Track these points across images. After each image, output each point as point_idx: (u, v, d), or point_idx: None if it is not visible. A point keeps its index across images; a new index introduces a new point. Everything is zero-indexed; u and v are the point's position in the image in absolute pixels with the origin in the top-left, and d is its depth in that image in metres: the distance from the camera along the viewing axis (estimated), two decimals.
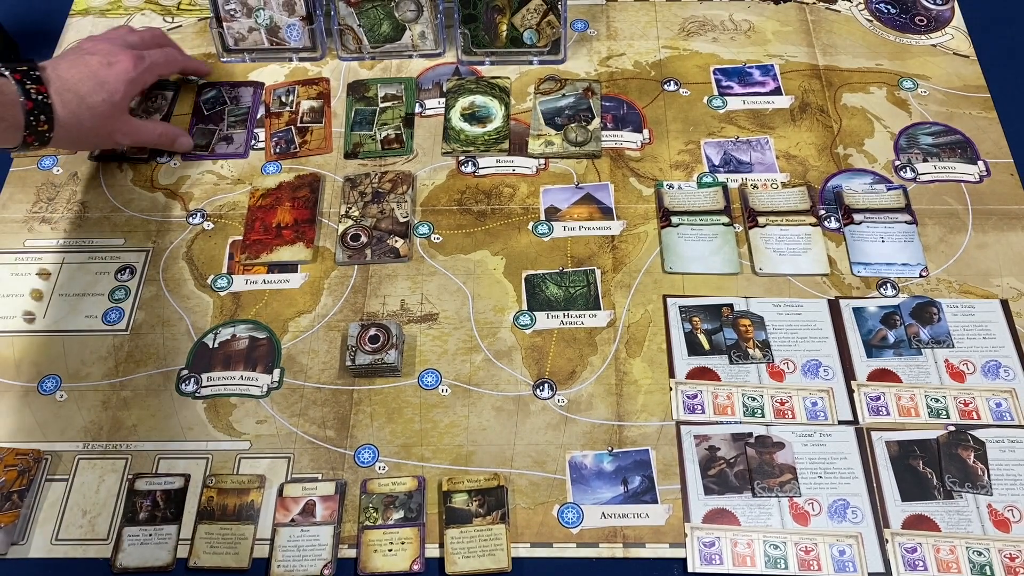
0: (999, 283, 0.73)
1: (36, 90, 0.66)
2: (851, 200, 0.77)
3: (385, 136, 0.83)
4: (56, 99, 0.68)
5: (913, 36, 0.90)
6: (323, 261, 0.76)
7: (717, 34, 0.90)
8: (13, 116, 0.65)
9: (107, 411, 0.69)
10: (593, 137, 0.82)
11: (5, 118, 0.64)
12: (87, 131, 0.71)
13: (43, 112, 0.66)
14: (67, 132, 0.69)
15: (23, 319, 0.74)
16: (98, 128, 0.72)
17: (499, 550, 0.61)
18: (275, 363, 0.70)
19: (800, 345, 0.70)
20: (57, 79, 0.68)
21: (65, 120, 0.68)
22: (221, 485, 0.65)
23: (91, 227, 0.79)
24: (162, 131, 0.79)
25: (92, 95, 0.70)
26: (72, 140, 0.72)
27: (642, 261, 0.75)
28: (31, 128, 0.66)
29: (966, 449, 0.64)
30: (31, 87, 0.66)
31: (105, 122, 0.72)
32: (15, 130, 0.66)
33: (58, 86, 0.68)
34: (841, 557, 0.61)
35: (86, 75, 0.70)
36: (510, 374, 0.69)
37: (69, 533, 0.64)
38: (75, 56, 0.72)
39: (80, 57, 0.72)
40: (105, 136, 0.74)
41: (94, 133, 0.72)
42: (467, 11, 0.84)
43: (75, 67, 0.70)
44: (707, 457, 0.65)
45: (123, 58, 0.73)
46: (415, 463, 0.66)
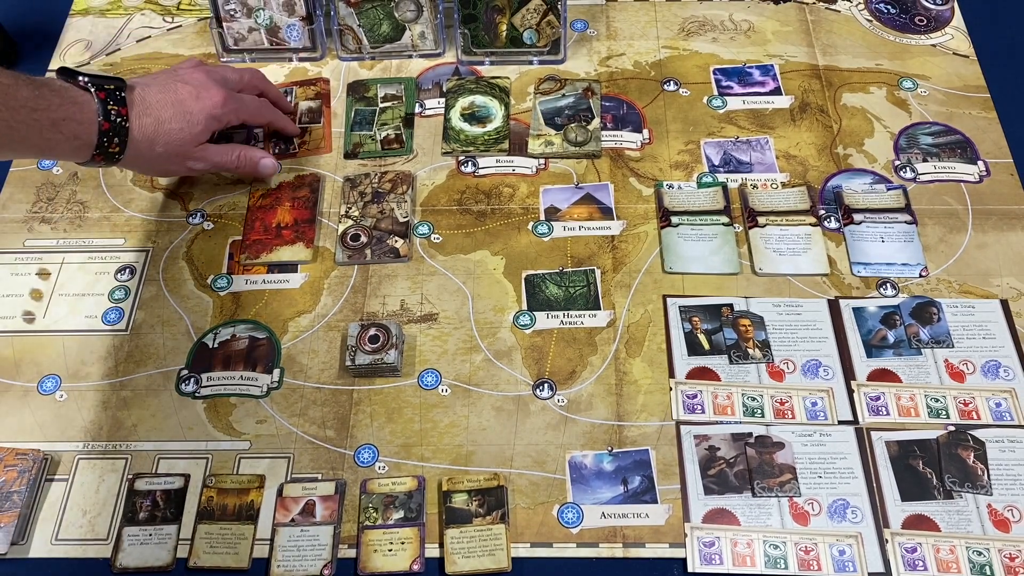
0: (999, 283, 0.73)
1: (117, 111, 0.65)
2: (851, 200, 0.77)
3: (385, 136, 0.83)
4: (134, 123, 0.66)
5: (913, 36, 0.90)
6: (323, 261, 0.76)
7: (717, 34, 0.90)
8: (87, 135, 0.64)
9: (107, 411, 0.69)
10: (593, 137, 0.82)
11: (80, 136, 0.64)
12: (158, 157, 0.70)
13: (118, 135, 0.65)
14: (139, 156, 0.68)
15: (23, 319, 0.74)
16: (170, 155, 0.70)
17: (499, 550, 0.61)
18: (275, 363, 0.70)
19: (800, 345, 0.70)
20: (141, 101, 0.67)
21: (139, 144, 0.67)
22: (221, 485, 0.65)
23: (91, 227, 0.79)
24: (240, 153, 0.76)
25: (171, 122, 0.69)
26: (141, 164, 0.71)
27: (642, 261, 0.75)
28: (102, 148, 0.65)
29: (966, 449, 0.64)
30: (112, 108, 0.65)
31: (178, 149, 0.70)
32: (86, 148, 0.65)
33: (140, 109, 0.67)
34: (841, 557, 0.61)
35: (172, 102, 0.69)
36: (510, 374, 0.69)
37: (69, 533, 0.64)
38: (168, 81, 0.71)
39: (173, 83, 0.70)
40: (177, 164, 0.72)
41: (165, 159, 0.71)
42: (467, 11, 0.84)
43: (164, 92, 0.69)
44: (707, 457, 0.65)
45: (214, 94, 0.71)
46: (415, 463, 0.66)
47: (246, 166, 0.76)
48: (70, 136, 0.63)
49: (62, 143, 0.63)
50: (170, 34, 0.92)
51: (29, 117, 0.60)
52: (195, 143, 0.71)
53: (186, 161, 0.72)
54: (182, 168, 0.73)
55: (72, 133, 0.63)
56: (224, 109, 0.72)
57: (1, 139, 0.59)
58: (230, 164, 0.75)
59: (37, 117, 0.60)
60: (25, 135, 0.60)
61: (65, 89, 0.63)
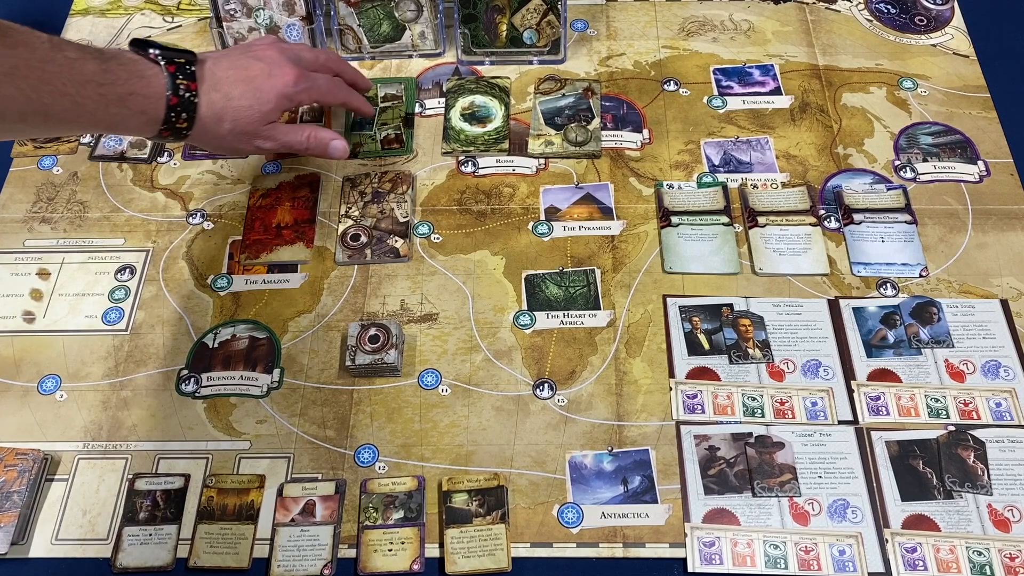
0: (999, 283, 0.73)
1: (186, 86, 0.63)
2: (851, 200, 0.77)
3: (385, 136, 0.83)
4: (203, 98, 0.64)
5: (913, 36, 0.90)
6: (323, 261, 0.76)
7: (717, 34, 0.90)
8: (155, 110, 0.62)
9: (107, 411, 0.69)
10: (593, 137, 0.82)
11: (146, 111, 0.62)
12: (226, 134, 0.68)
13: (186, 110, 0.64)
14: (205, 132, 0.66)
15: (23, 319, 0.74)
16: (238, 133, 0.68)
17: (499, 550, 0.61)
18: (275, 363, 0.70)
19: (800, 345, 0.70)
20: (211, 76, 0.66)
21: (206, 120, 0.65)
22: (221, 485, 0.65)
23: (91, 227, 0.79)
24: (310, 134, 0.73)
25: (241, 98, 0.67)
26: (208, 140, 0.68)
27: (642, 261, 0.75)
28: (169, 123, 0.63)
29: (966, 449, 0.64)
30: (182, 82, 0.63)
31: (247, 127, 0.68)
32: (153, 123, 0.63)
33: (210, 84, 0.65)
34: (841, 557, 0.61)
35: (243, 78, 0.67)
36: (510, 374, 0.69)
37: (69, 533, 0.64)
38: (241, 56, 0.69)
39: (245, 59, 0.69)
40: (245, 142, 0.70)
41: (233, 136, 0.68)
42: (467, 11, 0.84)
43: (235, 68, 0.67)
44: (707, 457, 0.65)
45: (286, 72, 0.69)
46: (415, 463, 0.66)
47: (316, 147, 0.73)
48: (137, 111, 0.61)
49: (129, 118, 0.62)
50: (170, 34, 0.92)
51: (95, 92, 0.58)
52: (264, 121, 0.69)
53: (254, 140, 0.70)
54: (250, 146, 0.71)
55: (139, 108, 0.61)
56: (296, 88, 0.70)
57: (68, 114, 0.58)
58: (299, 144, 0.72)
59: (103, 92, 0.59)
60: (92, 110, 0.59)
61: (134, 62, 0.62)
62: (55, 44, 0.57)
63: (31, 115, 0.56)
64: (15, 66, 0.54)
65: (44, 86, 0.55)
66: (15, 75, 0.54)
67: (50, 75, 0.56)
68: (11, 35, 0.54)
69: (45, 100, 0.56)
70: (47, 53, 0.56)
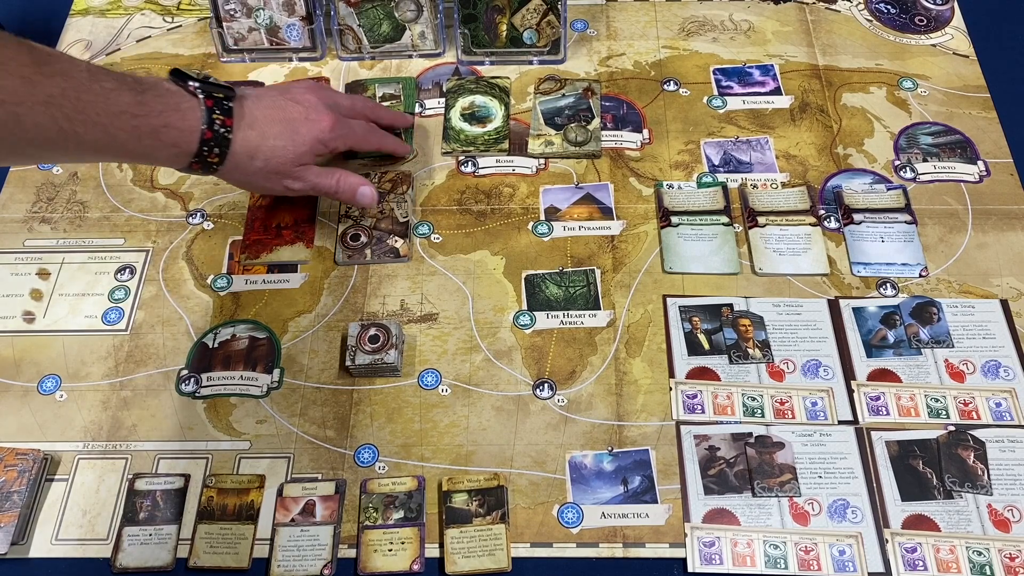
0: (999, 283, 0.73)
1: (222, 122, 0.63)
2: (851, 200, 0.77)
3: None
4: (238, 135, 0.64)
5: (913, 36, 0.90)
6: (323, 261, 0.76)
7: (717, 34, 0.90)
8: (187, 143, 0.62)
9: (107, 411, 0.69)
10: (593, 137, 0.82)
11: (179, 144, 0.62)
12: (257, 171, 0.67)
13: (219, 145, 0.63)
14: (236, 168, 0.66)
15: (23, 319, 0.74)
16: (269, 172, 0.68)
17: (499, 550, 0.61)
18: (275, 363, 0.70)
19: (800, 345, 0.70)
20: (249, 114, 0.65)
21: (239, 156, 0.65)
22: (221, 485, 0.65)
23: (91, 227, 0.79)
24: (340, 178, 0.72)
25: (276, 138, 0.66)
26: (238, 177, 0.68)
27: (642, 261, 0.75)
28: (201, 157, 0.63)
29: (966, 449, 0.64)
30: (218, 117, 0.63)
31: (279, 167, 0.68)
32: (184, 156, 0.63)
33: (247, 121, 0.65)
34: (841, 557, 0.61)
35: (280, 119, 0.67)
36: (510, 374, 0.69)
37: (69, 533, 0.64)
38: (279, 98, 0.69)
39: (283, 101, 0.69)
40: (275, 181, 0.69)
41: (263, 175, 0.68)
42: (467, 11, 0.84)
43: (273, 109, 0.67)
44: (707, 457, 0.65)
45: (324, 118, 0.69)
46: (415, 463, 0.66)
47: (345, 191, 0.72)
48: (169, 143, 0.61)
49: (160, 150, 0.61)
50: (170, 34, 0.92)
51: (129, 123, 0.58)
52: (296, 163, 0.68)
53: (284, 180, 0.69)
54: (279, 186, 0.70)
55: (171, 140, 0.61)
56: (332, 134, 0.70)
57: (99, 144, 0.58)
58: (329, 187, 0.72)
59: (137, 124, 0.58)
60: (123, 141, 0.58)
61: (170, 94, 0.61)
62: (93, 73, 0.56)
63: (63, 144, 0.56)
64: (51, 95, 0.53)
65: (78, 115, 0.55)
66: (51, 104, 0.53)
67: (85, 105, 0.55)
68: (51, 63, 0.54)
69: (78, 130, 0.55)
70: (84, 83, 0.55)
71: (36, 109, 0.53)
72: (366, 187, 0.73)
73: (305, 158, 0.69)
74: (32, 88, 0.52)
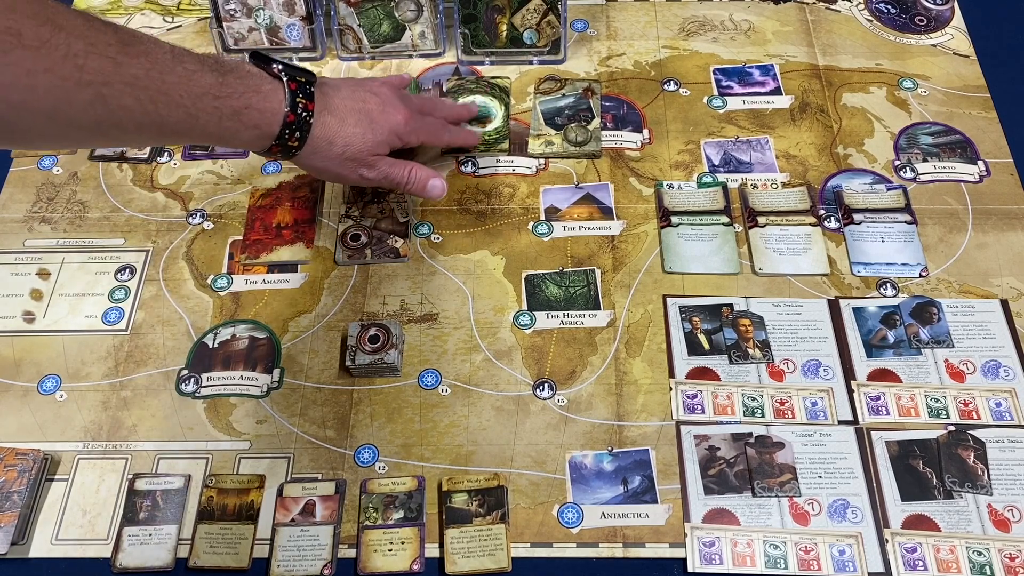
0: (999, 283, 0.73)
1: (304, 105, 0.63)
2: (851, 200, 0.77)
3: None
4: (318, 119, 0.65)
5: (913, 36, 0.90)
6: (323, 261, 0.76)
7: (717, 34, 0.90)
8: (269, 126, 0.62)
9: (107, 411, 0.69)
10: (593, 137, 0.82)
11: (260, 126, 0.61)
12: (334, 158, 0.67)
13: (300, 129, 0.63)
14: (314, 153, 0.66)
15: (23, 319, 0.74)
16: (345, 159, 0.68)
17: (499, 550, 0.61)
18: (275, 363, 0.71)
19: (800, 345, 0.70)
20: (329, 101, 0.66)
21: (318, 141, 0.65)
22: (221, 485, 0.65)
23: (91, 227, 0.79)
24: (412, 169, 0.72)
25: (355, 126, 0.67)
26: (314, 162, 0.68)
27: (642, 261, 0.75)
28: (282, 140, 0.63)
29: (966, 449, 0.64)
30: (301, 101, 0.63)
31: (355, 154, 0.68)
32: (265, 139, 0.63)
33: (327, 107, 0.65)
34: (841, 557, 0.61)
35: (358, 109, 0.68)
36: (510, 374, 0.69)
37: (69, 533, 0.64)
38: (357, 89, 0.70)
39: (361, 92, 0.69)
40: (350, 169, 0.69)
41: (339, 162, 0.68)
42: (467, 11, 0.84)
43: (351, 99, 0.68)
44: (707, 457, 0.65)
45: (399, 111, 0.70)
46: (415, 463, 0.66)
47: (416, 183, 0.73)
48: (251, 125, 0.61)
49: (241, 132, 0.61)
50: (170, 34, 0.92)
51: (211, 105, 0.58)
52: (373, 152, 0.69)
53: (359, 168, 0.69)
54: (354, 174, 0.70)
55: (253, 122, 0.61)
56: (407, 128, 0.71)
57: (181, 126, 0.57)
58: (401, 178, 0.72)
59: (218, 105, 0.58)
60: (205, 123, 0.58)
61: (252, 76, 0.61)
62: (176, 55, 0.56)
63: (146, 126, 0.56)
64: (136, 76, 0.53)
65: (162, 97, 0.55)
66: (135, 85, 0.53)
67: (168, 86, 0.55)
68: (135, 44, 0.54)
69: (161, 111, 0.55)
70: (167, 64, 0.55)
71: (122, 90, 0.52)
72: (437, 180, 0.73)
73: (381, 148, 0.69)
74: (118, 69, 0.52)
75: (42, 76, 0.48)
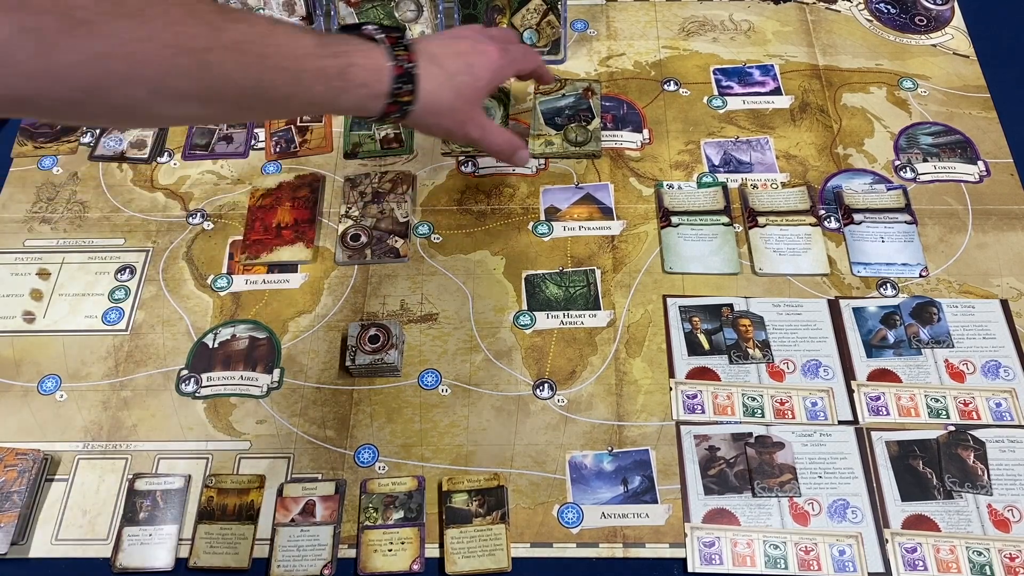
0: (999, 283, 0.73)
1: (406, 57, 0.62)
2: (851, 200, 0.77)
3: (384, 135, 0.83)
4: (423, 70, 0.63)
5: (913, 36, 0.90)
6: (323, 261, 0.76)
7: (717, 34, 0.90)
8: (377, 82, 0.60)
9: (107, 411, 0.69)
10: (593, 137, 0.82)
11: (368, 83, 0.60)
12: (445, 111, 0.66)
13: (409, 81, 0.62)
14: (426, 108, 0.65)
15: (23, 319, 0.74)
16: (456, 112, 0.67)
17: (499, 550, 0.61)
18: (275, 363, 0.70)
19: (800, 345, 0.70)
20: (426, 51, 0.64)
21: (428, 94, 0.64)
22: (221, 485, 0.65)
23: (91, 227, 0.79)
24: (509, 137, 0.71)
25: (458, 75, 0.65)
26: (428, 119, 0.66)
27: (642, 261, 0.75)
28: (394, 97, 0.62)
29: (966, 449, 0.64)
30: (401, 53, 0.62)
31: (464, 106, 0.67)
32: (378, 98, 0.61)
33: (427, 57, 0.63)
34: (841, 557, 0.61)
35: (454, 54, 0.66)
36: (510, 374, 0.69)
37: (69, 533, 0.64)
38: (445, 37, 0.69)
39: (449, 39, 0.68)
40: (459, 123, 0.68)
41: (450, 117, 0.67)
42: (467, 11, 0.84)
43: (444, 46, 0.67)
44: (707, 457, 0.65)
45: (491, 48, 0.68)
46: (415, 463, 0.66)
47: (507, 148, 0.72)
48: (358, 83, 0.60)
49: (350, 92, 0.60)
50: None
51: (314, 65, 0.56)
52: (480, 96, 0.68)
53: (467, 125, 0.68)
54: (461, 130, 0.68)
55: (360, 80, 0.60)
56: (502, 61, 0.69)
57: (286, 89, 0.56)
58: (499, 140, 0.71)
59: (323, 65, 0.57)
60: (310, 85, 0.57)
61: (348, 38, 0.61)
62: (273, 20, 0.56)
63: (249, 92, 0.54)
64: (237, 40, 0.52)
65: (265, 61, 0.54)
66: (237, 49, 0.52)
67: (270, 49, 0.54)
68: (233, 12, 0.53)
69: (265, 76, 0.54)
70: (266, 27, 0.54)
71: (224, 55, 0.51)
72: (524, 151, 0.73)
73: (485, 90, 0.68)
74: (218, 34, 0.51)
75: (144, 45, 0.47)
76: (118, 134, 0.84)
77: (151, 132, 0.84)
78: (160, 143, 0.84)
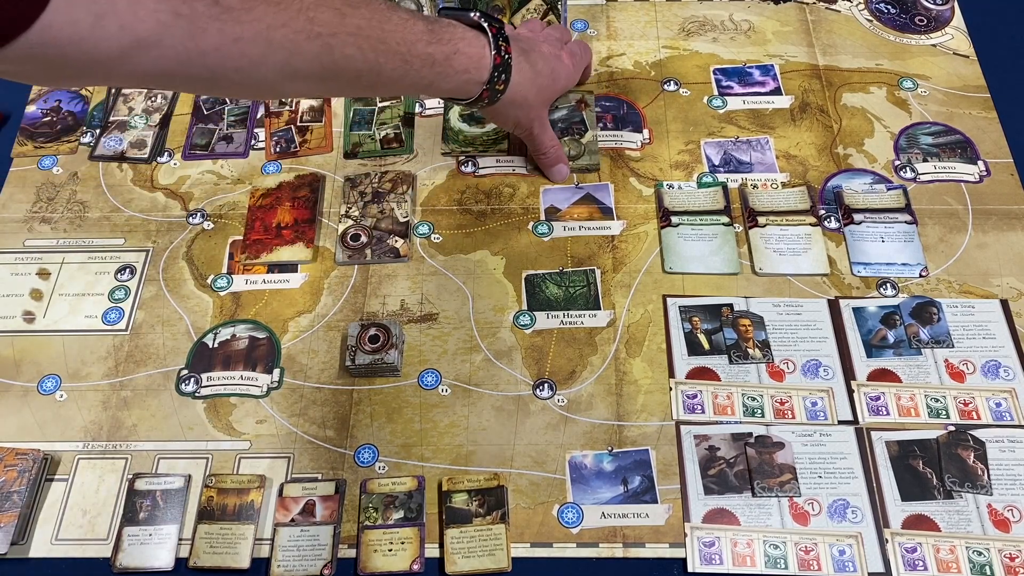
0: (999, 283, 0.73)
1: (505, 48, 0.66)
2: (851, 200, 0.77)
3: (384, 135, 0.83)
4: (516, 63, 0.67)
5: (913, 36, 0.90)
6: (323, 261, 0.76)
7: (717, 34, 0.90)
8: (478, 69, 0.64)
9: (107, 411, 0.69)
10: (587, 150, 0.81)
11: (469, 70, 0.64)
12: (524, 104, 0.71)
13: (505, 71, 0.66)
14: (513, 98, 0.69)
15: (23, 319, 0.74)
16: (531, 107, 0.72)
17: (499, 550, 0.61)
18: (275, 363, 0.71)
19: (800, 345, 0.70)
20: (518, 46, 0.68)
21: (516, 86, 0.68)
22: (221, 485, 0.65)
23: (91, 227, 0.79)
24: (557, 146, 0.77)
25: (542, 76, 0.71)
26: (508, 108, 0.71)
27: (642, 261, 0.75)
28: (491, 83, 0.65)
29: (966, 449, 0.64)
30: (502, 43, 0.65)
31: (538, 104, 0.72)
32: (475, 84, 0.65)
33: (519, 52, 0.68)
34: (841, 557, 0.61)
35: (541, 56, 0.71)
36: (510, 374, 0.69)
37: (69, 533, 0.64)
38: (528, 35, 0.74)
39: (534, 39, 0.73)
40: (532, 118, 0.73)
41: (525, 110, 0.72)
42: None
43: (532, 45, 0.71)
44: (707, 457, 0.65)
45: (565, 55, 0.75)
46: (415, 463, 0.66)
47: (551, 155, 0.77)
48: (460, 70, 0.63)
49: (451, 77, 0.63)
50: None
51: (423, 51, 0.60)
52: (551, 99, 0.74)
53: (534, 120, 0.73)
54: (528, 124, 0.74)
55: (463, 67, 0.63)
56: (574, 72, 0.76)
57: (396, 73, 0.59)
58: (552, 144, 0.77)
59: (431, 51, 0.60)
60: (418, 68, 0.60)
61: (453, 25, 0.64)
62: (390, 6, 0.59)
63: (364, 74, 0.58)
64: (359, 26, 0.55)
65: (381, 46, 0.57)
66: (358, 35, 0.55)
67: (387, 34, 0.57)
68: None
69: (380, 59, 0.57)
70: (385, 13, 0.58)
71: (345, 40, 0.54)
72: (564, 167, 0.78)
73: (558, 92, 0.75)
74: (343, 20, 0.54)
75: (279, 31, 0.50)
76: (118, 134, 0.84)
77: (151, 132, 0.84)
78: (160, 143, 0.84)
